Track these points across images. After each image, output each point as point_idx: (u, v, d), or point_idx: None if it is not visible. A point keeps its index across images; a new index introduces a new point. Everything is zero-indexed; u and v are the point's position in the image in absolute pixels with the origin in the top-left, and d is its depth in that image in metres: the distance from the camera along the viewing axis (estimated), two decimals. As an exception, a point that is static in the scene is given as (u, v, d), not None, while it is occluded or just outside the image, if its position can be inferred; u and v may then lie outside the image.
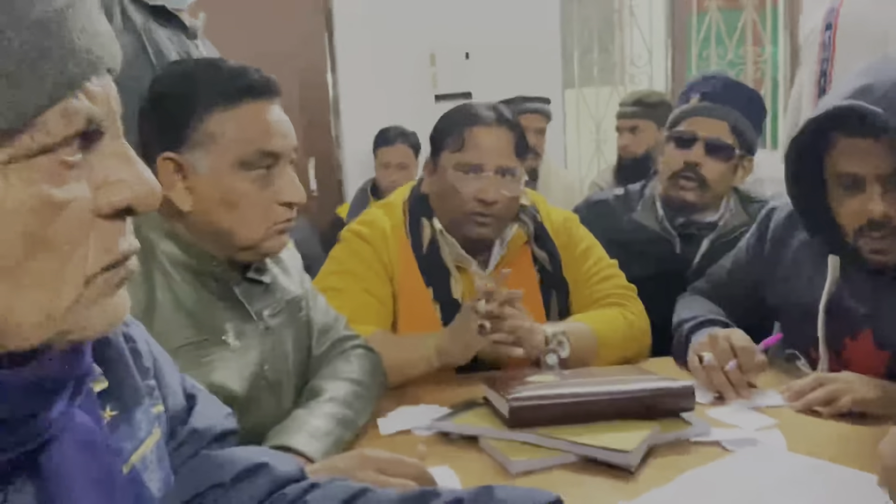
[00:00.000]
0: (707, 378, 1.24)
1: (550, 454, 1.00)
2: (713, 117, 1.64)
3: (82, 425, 0.51)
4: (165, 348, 0.93)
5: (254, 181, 1.00)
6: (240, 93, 0.99)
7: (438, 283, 1.45)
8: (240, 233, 1.01)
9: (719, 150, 1.64)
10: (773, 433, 1.09)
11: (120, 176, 0.47)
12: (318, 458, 0.96)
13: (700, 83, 1.71)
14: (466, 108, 1.47)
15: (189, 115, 0.97)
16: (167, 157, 0.98)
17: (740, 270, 1.48)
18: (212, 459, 0.67)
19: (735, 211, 1.71)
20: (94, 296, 0.47)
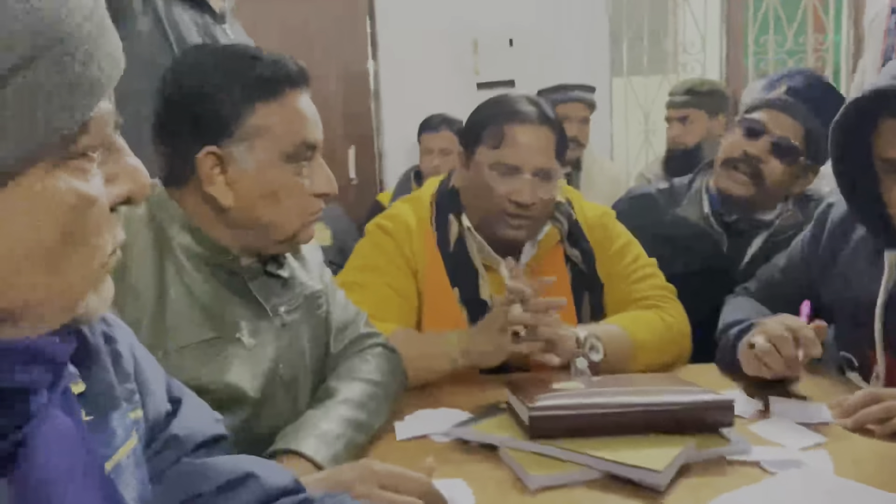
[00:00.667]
0: (761, 364, 1.15)
1: (573, 469, 0.94)
2: (791, 116, 1.53)
3: (61, 423, 0.49)
4: (177, 345, 0.91)
5: (295, 173, 0.97)
6: (281, 83, 0.96)
7: (465, 283, 1.40)
8: (279, 226, 0.98)
9: (785, 151, 1.53)
10: (820, 454, 1.00)
11: (120, 169, 0.50)
12: (326, 464, 0.91)
13: (794, 75, 1.59)
14: (507, 103, 1.40)
15: (231, 109, 0.94)
16: (210, 152, 0.94)
17: (795, 268, 1.38)
18: (194, 468, 0.63)
19: (792, 211, 1.60)
20: (100, 283, 0.50)
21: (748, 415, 1.13)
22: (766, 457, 0.98)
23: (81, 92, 0.43)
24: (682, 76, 3.65)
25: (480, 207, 1.38)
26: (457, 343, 1.27)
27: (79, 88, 0.43)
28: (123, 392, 0.58)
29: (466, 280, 1.41)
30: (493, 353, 1.24)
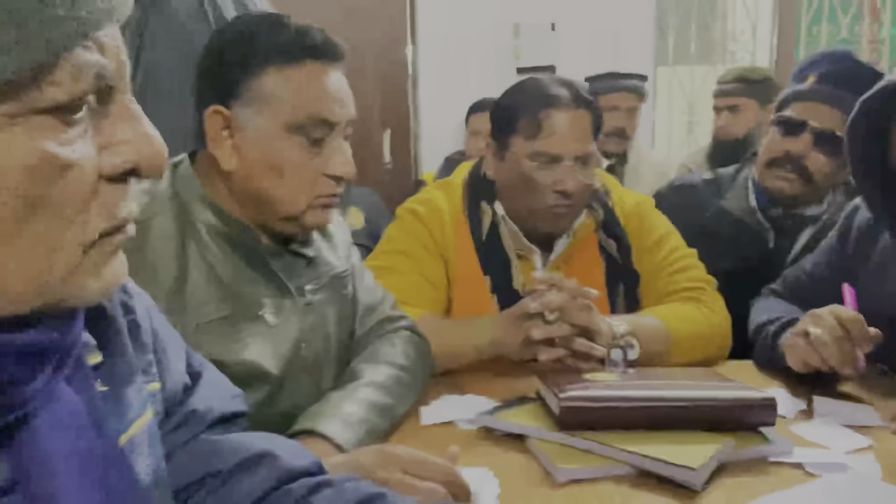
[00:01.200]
0: (813, 354, 1.10)
1: (603, 463, 0.90)
2: (828, 104, 1.44)
3: (67, 400, 0.47)
4: (196, 321, 0.90)
5: (303, 148, 0.93)
6: (299, 52, 0.92)
7: (497, 272, 1.36)
8: (282, 201, 0.95)
9: (829, 143, 1.44)
10: (867, 457, 0.94)
11: (126, 136, 0.44)
12: (348, 447, 0.89)
13: (819, 61, 1.50)
14: (539, 87, 1.33)
15: (243, 70, 0.92)
16: (215, 111, 0.92)
17: (822, 272, 1.32)
18: (211, 445, 0.61)
19: (840, 205, 1.52)
20: (91, 263, 0.44)
21: (790, 414, 1.08)
22: (810, 459, 0.93)
23: (37, 27, 0.37)
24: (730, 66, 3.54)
25: (521, 200, 1.34)
26: (485, 332, 1.24)
27: (32, 21, 0.37)
28: (141, 363, 0.57)
29: (498, 268, 1.37)
30: (521, 348, 1.20)
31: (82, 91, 0.40)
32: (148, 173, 0.45)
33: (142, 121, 0.45)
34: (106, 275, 0.45)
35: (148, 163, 0.44)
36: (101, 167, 0.43)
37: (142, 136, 0.44)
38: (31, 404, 0.44)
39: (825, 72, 1.47)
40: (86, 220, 0.42)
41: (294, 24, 0.95)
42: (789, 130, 1.48)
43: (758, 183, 1.55)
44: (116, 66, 0.43)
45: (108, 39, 0.42)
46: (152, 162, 0.45)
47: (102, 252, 0.44)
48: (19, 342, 0.41)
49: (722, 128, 2.75)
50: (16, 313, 0.41)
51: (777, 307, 1.35)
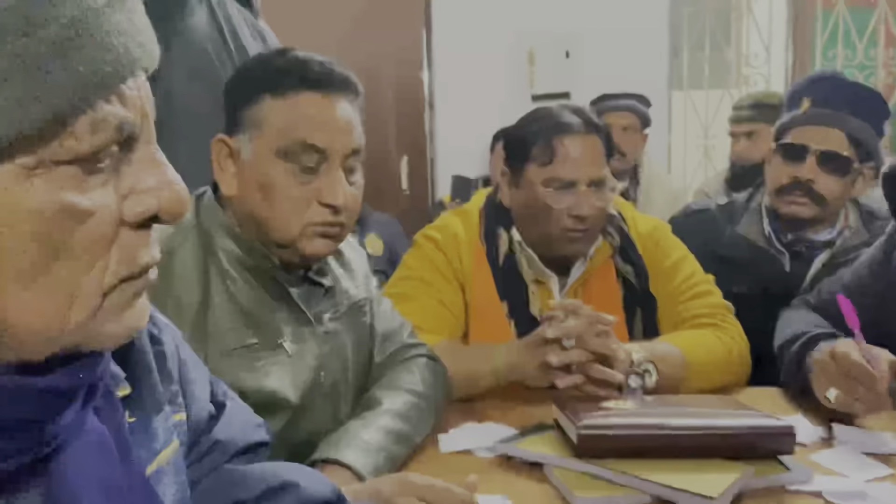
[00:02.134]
0: (852, 401, 1.08)
1: (621, 491, 0.90)
2: (827, 125, 1.46)
3: (95, 432, 0.48)
4: (218, 350, 0.91)
5: (292, 174, 0.95)
6: (294, 82, 0.95)
7: (514, 298, 1.37)
8: (273, 225, 0.96)
9: (835, 163, 1.45)
10: (887, 486, 0.93)
11: (148, 184, 0.44)
12: (367, 475, 0.90)
13: (809, 86, 1.52)
14: (550, 116, 1.36)
15: (243, 99, 0.96)
16: (220, 140, 0.97)
17: (861, 287, 1.30)
18: (235, 474, 0.63)
19: (855, 229, 1.52)
20: (111, 308, 0.44)
21: (810, 442, 1.07)
22: (829, 487, 0.92)
23: (57, 81, 0.38)
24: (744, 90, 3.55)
25: (537, 226, 1.35)
26: (502, 358, 1.24)
27: (53, 75, 0.37)
28: (167, 394, 0.58)
29: (515, 294, 1.38)
30: (538, 375, 1.21)
31: (103, 143, 0.41)
32: (169, 219, 0.45)
33: (165, 169, 0.45)
34: (126, 320, 0.46)
35: (169, 210, 0.45)
36: (122, 214, 0.43)
37: (164, 184, 0.45)
38: (61, 437, 0.45)
39: (820, 94, 1.49)
40: (105, 266, 0.43)
41: (294, 55, 0.97)
42: (793, 156, 1.49)
43: (770, 209, 1.55)
44: (140, 117, 0.44)
45: (132, 91, 0.43)
46: (174, 209, 0.45)
47: (123, 297, 0.45)
48: (41, 385, 0.42)
49: (739, 154, 2.75)
50: (32, 359, 0.42)
51: (802, 319, 1.33)
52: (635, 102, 2.93)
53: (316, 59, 0.97)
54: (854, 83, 1.56)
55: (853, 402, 1.06)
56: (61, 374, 0.43)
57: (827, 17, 3.48)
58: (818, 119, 1.47)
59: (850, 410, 1.08)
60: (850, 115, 1.46)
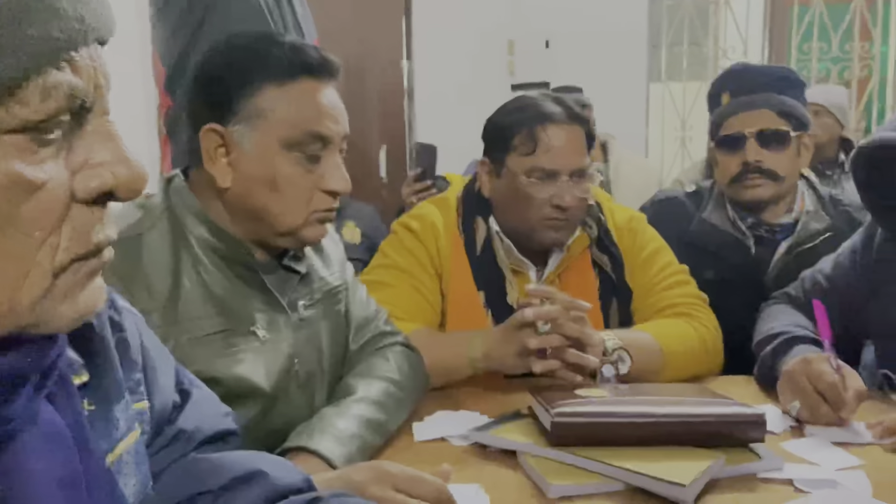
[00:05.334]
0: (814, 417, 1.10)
1: (595, 479, 0.90)
2: (754, 109, 1.52)
3: (49, 421, 0.46)
4: (189, 337, 0.90)
5: (299, 164, 0.94)
6: (295, 69, 0.93)
7: (491, 287, 1.37)
8: (279, 217, 0.95)
9: (773, 139, 1.51)
10: (857, 475, 0.94)
11: (102, 158, 0.43)
12: (340, 464, 0.89)
13: (723, 82, 1.59)
14: (531, 104, 1.34)
15: (239, 87, 0.93)
16: (211, 129, 0.93)
17: (844, 276, 1.32)
18: (200, 464, 0.61)
19: (814, 212, 1.55)
20: (64, 289, 0.42)
21: (781, 431, 1.09)
22: (800, 475, 0.93)
23: (7, 47, 0.36)
24: (721, 82, 3.56)
25: (517, 215, 1.35)
26: (479, 346, 1.24)
27: (3, 43, 0.36)
28: (129, 382, 0.56)
29: (492, 284, 1.38)
30: (515, 362, 1.21)
31: (53, 111, 0.39)
32: (124, 196, 0.43)
33: (120, 143, 0.43)
34: (80, 301, 0.44)
35: (125, 185, 0.43)
36: (74, 189, 0.42)
37: (119, 158, 0.43)
38: (12, 425, 0.43)
39: (735, 86, 1.55)
40: (56, 243, 0.41)
41: (289, 42, 0.96)
42: (733, 146, 1.54)
43: (731, 199, 1.58)
44: (93, 86, 0.42)
45: (85, 60, 0.41)
46: (130, 185, 0.43)
47: (76, 278, 0.43)
48: None
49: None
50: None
51: (782, 317, 1.35)
52: (580, 96, 2.93)
53: (309, 45, 0.96)
54: (763, 66, 1.64)
55: (813, 417, 1.09)
56: (9, 357, 0.41)
57: (803, 12, 3.51)
58: (744, 106, 1.53)
59: (808, 422, 1.10)
60: (771, 92, 1.52)
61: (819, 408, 1.08)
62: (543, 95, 1.38)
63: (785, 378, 1.16)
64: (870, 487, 0.91)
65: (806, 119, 1.55)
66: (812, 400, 1.09)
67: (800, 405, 1.10)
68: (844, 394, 1.06)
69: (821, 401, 1.08)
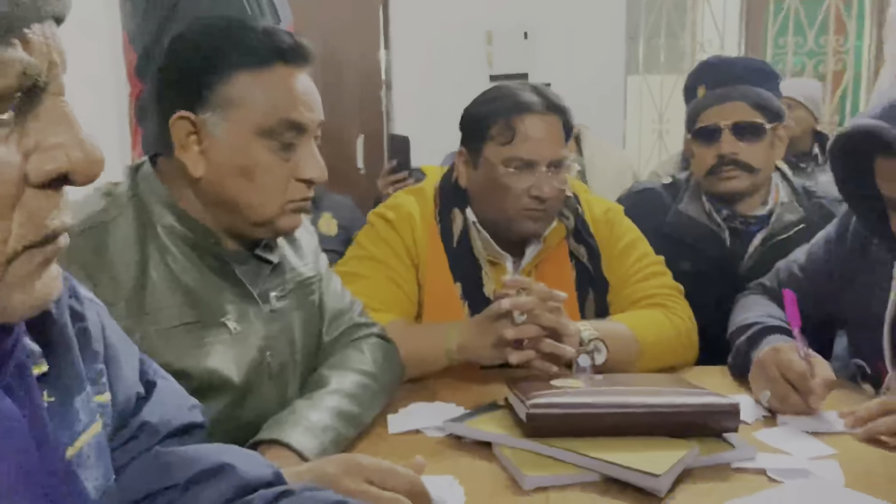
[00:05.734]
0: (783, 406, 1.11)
1: (570, 470, 0.90)
2: (729, 101, 1.53)
3: (5, 412, 0.45)
4: (156, 328, 0.88)
5: (273, 153, 0.92)
6: (269, 55, 0.91)
7: (468, 279, 1.36)
8: (253, 206, 0.93)
9: (748, 131, 1.52)
10: (829, 464, 0.95)
11: (57, 140, 0.41)
12: (313, 456, 0.88)
13: (699, 75, 1.61)
14: (509, 94, 1.33)
15: (211, 74, 0.90)
16: (182, 116, 0.90)
17: (818, 267, 1.33)
18: (165, 457, 0.59)
19: (788, 204, 1.57)
20: (17, 277, 0.41)
21: (754, 420, 1.09)
22: (773, 465, 0.94)
23: None
24: (698, 75, 3.58)
25: (495, 206, 1.34)
26: (455, 337, 1.23)
27: None
28: (90, 373, 0.55)
29: (469, 275, 1.37)
30: (491, 353, 1.20)
31: (4, 89, 0.38)
32: (81, 180, 0.42)
33: (75, 124, 0.42)
34: (35, 290, 0.42)
35: (81, 169, 0.41)
36: (26, 173, 0.40)
37: (74, 140, 0.41)
38: None
39: (711, 79, 1.56)
40: (7, 229, 0.39)
41: (261, 27, 0.93)
42: (709, 138, 1.55)
43: (707, 191, 1.59)
44: (47, 64, 0.40)
45: (38, 37, 0.40)
46: (86, 169, 0.41)
47: (29, 266, 0.41)
48: None
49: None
50: None
51: (756, 308, 1.35)
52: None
53: (281, 30, 0.94)
54: (738, 58, 1.66)
55: (783, 406, 1.10)
56: None
57: (779, 6, 3.53)
58: (719, 98, 1.54)
59: (778, 411, 1.11)
60: (745, 85, 1.53)
61: (788, 396, 1.09)
62: (521, 85, 1.37)
63: (756, 367, 1.17)
64: (842, 476, 0.91)
65: (780, 111, 1.57)
66: (781, 389, 1.09)
67: (770, 394, 1.11)
68: (812, 382, 1.07)
69: (790, 389, 1.09)
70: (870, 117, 1.01)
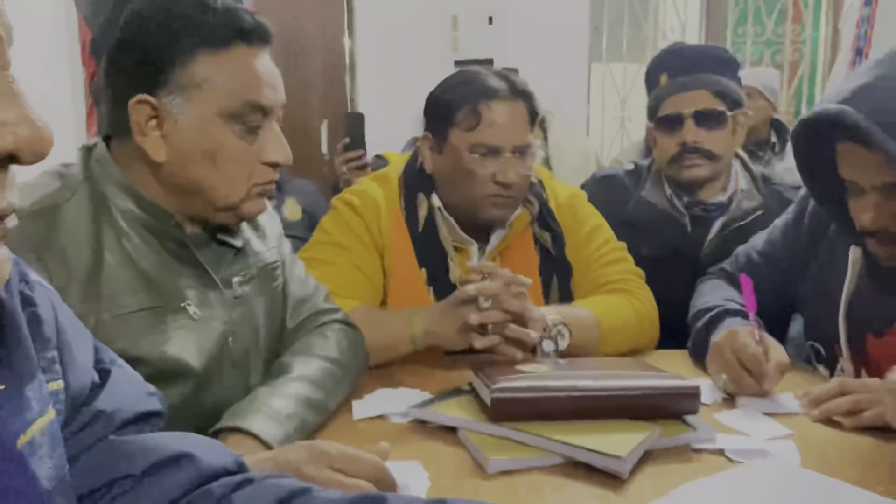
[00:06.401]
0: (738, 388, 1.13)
1: (534, 454, 0.90)
2: (690, 90, 1.55)
3: None
4: (112, 313, 0.85)
5: (238, 136, 0.90)
6: (231, 35, 0.88)
7: (433, 264, 1.35)
8: (218, 191, 0.91)
9: (710, 119, 1.55)
10: (786, 444, 0.97)
11: (2, 117, 0.39)
12: (276, 444, 0.86)
13: (661, 63, 1.62)
14: (474, 79, 1.32)
15: (171, 55, 0.87)
16: (142, 100, 0.87)
17: (776, 252, 1.36)
18: (121, 446, 0.58)
19: (747, 191, 1.60)
20: None
21: (714, 402, 1.11)
22: (732, 446, 0.95)
23: None
24: (660, 64, 3.61)
25: (460, 192, 1.33)
26: (420, 322, 1.23)
27: None
28: (42, 360, 0.53)
29: (434, 261, 1.36)
30: (456, 339, 1.20)
31: None
32: (28, 159, 0.40)
33: (21, 100, 0.40)
34: None
35: (28, 147, 0.39)
36: None
37: (21, 116, 0.39)
38: None
39: (673, 67, 1.58)
40: None
41: (221, 6, 0.90)
42: (671, 126, 1.57)
43: (669, 178, 1.61)
44: None
45: None
46: (33, 146, 0.39)
47: None
48: None
49: None
50: None
51: (714, 293, 1.37)
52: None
53: (242, 9, 0.91)
54: (698, 47, 1.68)
55: (738, 389, 1.12)
56: None
57: (739, -5, 3.59)
58: (681, 87, 1.56)
59: (734, 394, 1.13)
60: (707, 73, 1.55)
61: (742, 379, 1.11)
62: (487, 70, 1.36)
63: (712, 351, 1.19)
64: (798, 456, 0.94)
65: (740, 98, 1.59)
66: (736, 372, 1.12)
67: (726, 377, 1.13)
68: (766, 365, 1.09)
69: (744, 373, 1.11)
70: (832, 102, 1.02)
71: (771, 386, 1.10)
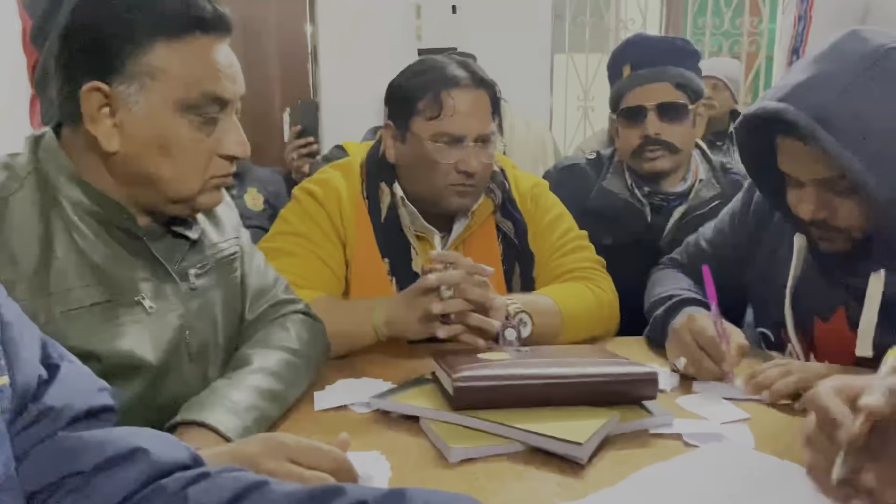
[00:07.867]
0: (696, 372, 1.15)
1: (495, 441, 0.91)
2: (653, 82, 1.57)
3: None
4: (63, 308, 0.83)
5: (195, 128, 0.88)
6: (190, 24, 0.86)
7: (396, 255, 1.35)
8: (172, 183, 0.89)
9: (672, 112, 1.57)
10: (741, 428, 1.00)
11: None
12: (235, 437, 0.85)
13: (623, 54, 1.63)
14: (437, 68, 1.31)
15: (126, 43, 0.84)
16: (94, 87, 0.85)
17: (723, 240, 1.38)
18: (71, 442, 0.56)
19: (706, 181, 1.63)
20: None
21: (672, 388, 1.13)
22: (689, 430, 0.97)
23: None
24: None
25: (423, 181, 1.32)
26: (382, 312, 1.22)
27: None
28: (-15, 356, 0.51)
29: (397, 251, 1.36)
30: (418, 328, 1.20)
31: None
32: None
33: None
34: None
35: None
36: None
37: None
38: None
39: (635, 58, 1.60)
40: None
41: None
42: (634, 118, 1.59)
43: (632, 169, 1.63)
44: None
45: None
46: None
47: None
48: None
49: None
50: None
51: (669, 281, 1.40)
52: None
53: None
54: (660, 38, 1.70)
55: (698, 371, 1.14)
56: None
57: (699, -14, 3.63)
58: (643, 79, 1.58)
59: (694, 377, 1.15)
60: (669, 65, 1.57)
61: (702, 362, 1.13)
62: (448, 59, 1.35)
63: (672, 336, 1.21)
64: (752, 439, 0.96)
65: (701, 90, 1.61)
66: (696, 355, 1.14)
67: (686, 361, 1.15)
68: (725, 347, 1.12)
69: (704, 355, 1.13)
70: (772, 99, 1.04)
71: (730, 367, 1.13)
